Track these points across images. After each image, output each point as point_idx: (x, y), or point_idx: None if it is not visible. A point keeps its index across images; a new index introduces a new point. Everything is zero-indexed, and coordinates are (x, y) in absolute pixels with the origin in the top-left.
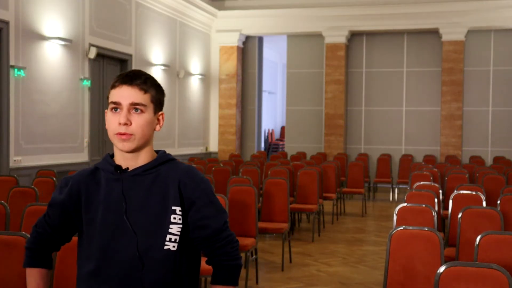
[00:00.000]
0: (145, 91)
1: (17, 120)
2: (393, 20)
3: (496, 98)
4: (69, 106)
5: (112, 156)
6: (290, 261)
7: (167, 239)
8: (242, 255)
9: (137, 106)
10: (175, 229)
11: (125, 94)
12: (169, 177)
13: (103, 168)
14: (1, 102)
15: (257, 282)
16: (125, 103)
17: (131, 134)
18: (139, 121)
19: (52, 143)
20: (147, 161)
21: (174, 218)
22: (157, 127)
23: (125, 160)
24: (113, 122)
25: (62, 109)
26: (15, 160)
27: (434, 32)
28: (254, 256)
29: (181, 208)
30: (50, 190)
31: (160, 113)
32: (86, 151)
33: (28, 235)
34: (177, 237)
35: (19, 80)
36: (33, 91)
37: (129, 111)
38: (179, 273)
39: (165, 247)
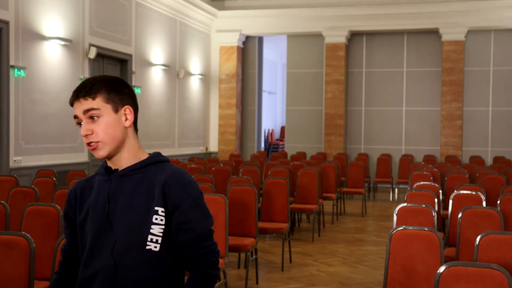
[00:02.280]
0: (94, 98)
1: (17, 120)
2: (393, 20)
3: (496, 98)
4: (69, 106)
5: None
6: (290, 261)
7: (149, 239)
8: (242, 255)
9: (91, 113)
10: (156, 229)
11: (77, 108)
12: (155, 178)
13: (98, 173)
14: (1, 102)
15: (257, 282)
16: (80, 114)
17: (97, 142)
18: (98, 127)
19: (52, 143)
20: (132, 159)
21: (156, 219)
22: (126, 123)
23: (112, 162)
24: (81, 135)
25: (62, 109)
26: (15, 160)
27: (434, 32)
28: (254, 256)
29: (164, 209)
30: (50, 190)
31: (124, 108)
32: (86, 151)
33: (28, 235)
34: (159, 238)
35: (19, 80)
36: (33, 91)
37: (88, 121)
38: (163, 275)
39: (147, 247)
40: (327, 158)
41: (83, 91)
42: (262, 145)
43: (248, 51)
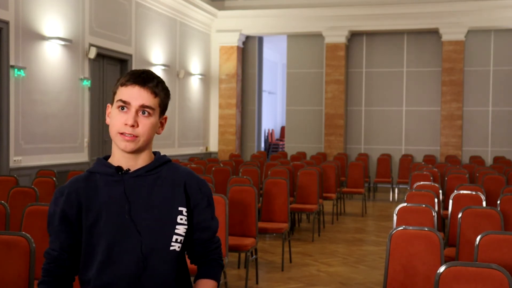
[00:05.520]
0: (156, 95)
1: (17, 120)
2: (393, 20)
3: (496, 98)
4: (69, 106)
5: (106, 158)
6: (290, 261)
7: (173, 239)
8: (242, 255)
9: (146, 109)
10: (181, 229)
11: (136, 95)
12: (172, 178)
13: (99, 172)
14: (1, 102)
15: (257, 282)
16: (134, 104)
17: (136, 136)
18: (146, 124)
19: (52, 143)
20: (146, 161)
21: (181, 219)
22: (159, 130)
23: (125, 159)
24: (118, 120)
25: (62, 109)
26: (15, 160)
27: (434, 32)
28: (254, 256)
29: (187, 209)
30: (50, 190)
31: (163, 117)
32: (86, 151)
33: (28, 235)
34: (182, 238)
35: (19, 80)
36: (33, 91)
37: (137, 112)
38: (179, 273)
39: (171, 248)
40: (327, 158)
41: (151, 83)
42: (262, 145)
43: (248, 51)
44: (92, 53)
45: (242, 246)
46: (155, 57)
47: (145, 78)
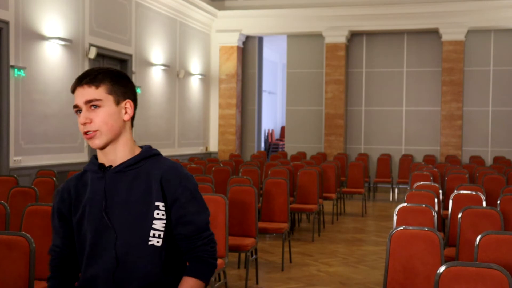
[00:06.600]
0: (97, 86)
1: (17, 120)
2: (393, 20)
3: (496, 98)
4: (69, 106)
5: (96, 156)
6: (290, 261)
7: (151, 234)
8: (242, 255)
9: (92, 103)
10: (158, 224)
11: (78, 96)
12: (151, 173)
13: (89, 169)
14: (1, 102)
15: (257, 282)
16: (80, 104)
17: (96, 130)
18: (97, 116)
19: (52, 143)
20: (127, 154)
21: (158, 214)
22: (125, 117)
23: (105, 156)
24: (79, 125)
25: (62, 109)
26: (15, 160)
27: (434, 32)
28: (254, 256)
29: (164, 204)
30: (50, 190)
31: (125, 101)
32: (86, 151)
33: (28, 235)
34: (161, 233)
35: (19, 80)
36: (33, 91)
37: (88, 110)
38: (164, 269)
39: (149, 243)
40: (327, 158)
41: (88, 78)
42: (262, 145)
43: (248, 51)
44: (92, 53)
45: (242, 246)
46: (155, 57)
47: (81, 77)
